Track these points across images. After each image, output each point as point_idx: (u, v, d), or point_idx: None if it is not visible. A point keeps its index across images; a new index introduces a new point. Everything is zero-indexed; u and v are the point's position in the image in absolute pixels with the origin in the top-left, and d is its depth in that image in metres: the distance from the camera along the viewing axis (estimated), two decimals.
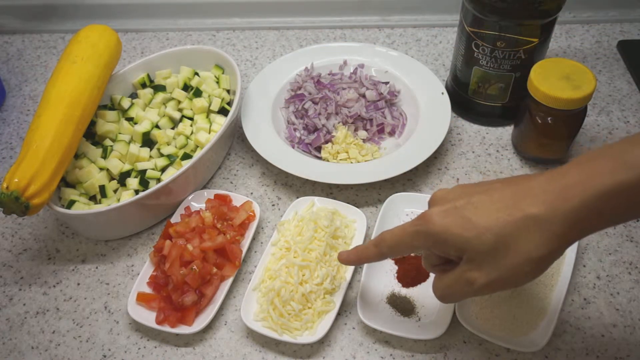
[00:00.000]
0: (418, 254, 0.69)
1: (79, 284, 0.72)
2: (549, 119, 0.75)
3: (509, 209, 0.48)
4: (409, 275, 0.69)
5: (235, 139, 0.87)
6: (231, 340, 0.66)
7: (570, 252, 0.68)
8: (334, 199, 0.76)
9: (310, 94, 0.87)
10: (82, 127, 0.74)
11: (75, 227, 0.76)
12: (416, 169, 0.79)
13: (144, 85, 0.86)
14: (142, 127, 0.80)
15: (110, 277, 0.72)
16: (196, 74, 0.87)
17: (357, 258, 0.61)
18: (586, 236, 0.49)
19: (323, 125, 0.83)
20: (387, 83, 0.88)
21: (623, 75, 0.95)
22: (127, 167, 0.77)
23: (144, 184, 0.76)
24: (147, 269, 0.70)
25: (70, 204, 0.73)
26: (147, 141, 0.80)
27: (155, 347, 0.66)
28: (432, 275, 0.69)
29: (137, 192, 0.75)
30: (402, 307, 0.66)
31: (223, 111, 0.83)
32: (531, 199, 0.48)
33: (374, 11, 1.06)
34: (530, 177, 0.50)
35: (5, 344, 0.67)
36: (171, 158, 0.79)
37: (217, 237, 0.70)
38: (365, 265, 0.68)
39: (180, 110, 0.84)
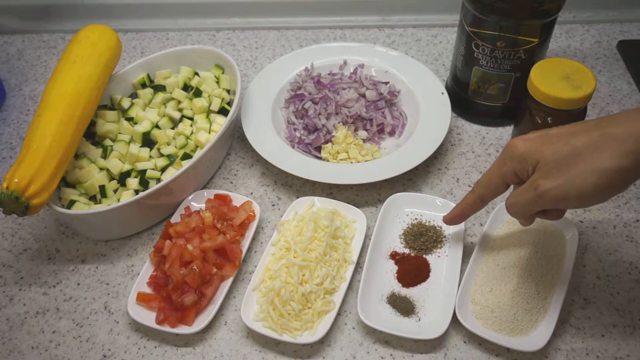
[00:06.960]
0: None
1: (79, 284, 0.72)
2: (549, 119, 0.75)
3: (590, 130, 0.53)
4: (409, 275, 0.69)
5: (235, 139, 0.87)
6: (231, 340, 0.66)
7: (570, 252, 0.68)
8: (334, 199, 0.76)
9: (310, 94, 0.87)
10: (82, 127, 0.74)
11: (75, 227, 0.76)
12: (416, 169, 0.79)
13: (144, 85, 0.86)
14: (142, 127, 0.80)
15: (110, 277, 0.72)
16: (196, 74, 0.87)
17: (459, 211, 0.66)
18: None
19: (323, 125, 0.83)
20: (387, 83, 0.88)
21: (623, 75, 0.94)
22: (127, 167, 0.77)
23: (144, 184, 0.76)
24: (147, 269, 0.70)
25: (70, 204, 0.73)
26: (147, 141, 0.80)
27: (155, 347, 0.66)
28: (432, 275, 0.69)
29: (137, 192, 0.75)
30: (402, 307, 0.66)
31: (223, 111, 0.83)
32: (614, 122, 0.52)
33: (374, 11, 1.06)
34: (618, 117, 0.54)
35: (5, 344, 0.67)
36: (171, 158, 0.79)
37: (217, 237, 0.70)
38: (365, 265, 0.68)
39: (180, 110, 0.84)
